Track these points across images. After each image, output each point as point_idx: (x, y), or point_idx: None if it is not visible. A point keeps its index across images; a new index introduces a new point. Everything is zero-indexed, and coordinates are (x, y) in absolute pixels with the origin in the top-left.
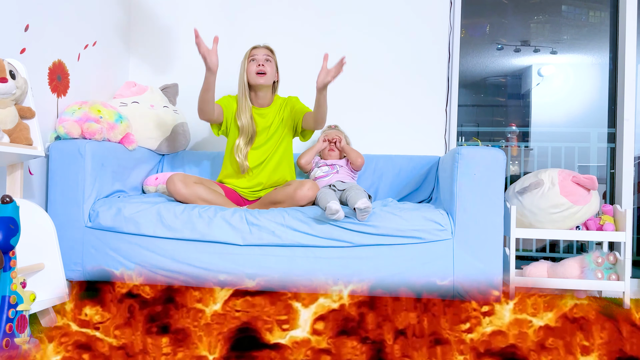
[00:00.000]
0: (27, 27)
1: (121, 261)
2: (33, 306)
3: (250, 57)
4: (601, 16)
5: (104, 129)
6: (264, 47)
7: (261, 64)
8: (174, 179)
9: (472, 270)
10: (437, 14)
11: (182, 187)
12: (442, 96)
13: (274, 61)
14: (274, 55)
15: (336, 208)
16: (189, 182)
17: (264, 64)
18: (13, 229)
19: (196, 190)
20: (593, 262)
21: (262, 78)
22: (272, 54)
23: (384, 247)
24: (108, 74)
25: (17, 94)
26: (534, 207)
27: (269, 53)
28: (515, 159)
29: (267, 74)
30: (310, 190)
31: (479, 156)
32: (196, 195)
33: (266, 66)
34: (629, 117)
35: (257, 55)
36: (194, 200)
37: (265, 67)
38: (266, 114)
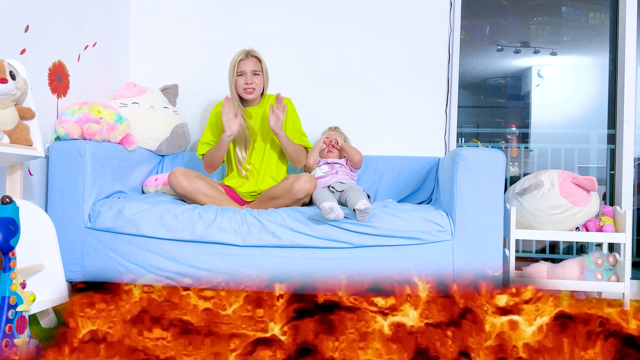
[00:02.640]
0: (27, 28)
1: (121, 262)
2: (33, 307)
3: (238, 71)
4: (601, 17)
5: (104, 130)
6: (252, 58)
7: (249, 82)
8: (176, 172)
9: (472, 272)
10: (437, 15)
11: (183, 180)
12: (442, 97)
13: (262, 72)
14: (261, 64)
15: (330, 206)
16: (191, 176)
17: (251, 81)
18: (13, 230)
19: (197, 184)
20: (593, 263)
21: (250, 95)
22: (260, 62)
23: (383, 248)
24: (108, 74)
25: (17, 94)
26: (534, 208)
27: (257, 64)
28: (515, 160)
29: (256, 89)
30: (307, 183)
31: (479, 157)
32: (197, 189)
33: (255, 82)
34: (628, 119)
35: (245, 69)
36: (194, 194)
37: (253, 84)
38: (253, 114)
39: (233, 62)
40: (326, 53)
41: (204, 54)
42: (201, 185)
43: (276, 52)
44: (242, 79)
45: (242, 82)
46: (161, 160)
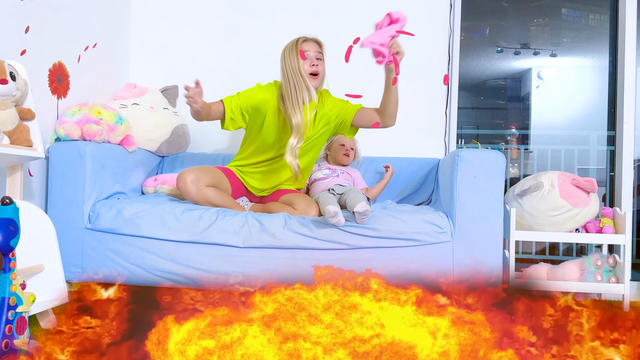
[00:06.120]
0: (28, 29)
1: (121, 263)
2: (32, 308)
3: (302, 50)
4: (601, 19)
5: (104, 131)
6: (314, 42)
7: (315, 64)
8: (186, 179)
9: (472, 273)
10: (437, 16)
11: (193, 190)
12: (441, 98)
13: (323, 59)
14: (322, 50)
15: (335, 210)
16: (201, 185)
17: (317, 64)
18: (13, 231)
19: (206, 193)
20: (592, 264)
21: (315, 80)
22: (321, 47)
23: (383, 250)
24: (108, 75)
25: (17, 95)
26: (534, 210)
27: (320, 49)
28: (514, 162)
29: (320, 74)
30: (310, 214)
31: (479, 159)
32: (205, 199)
33: (319, 66)
34: (628, 120)
35: (310, 51)
36: (201, 202)
37: (318, 67)
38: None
39: (291, 45)
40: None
41: (204, 54)
42: (210, 194)
43: (276, 52)
44: (307, 62)
45: (307, 64)
46: (161, 161)
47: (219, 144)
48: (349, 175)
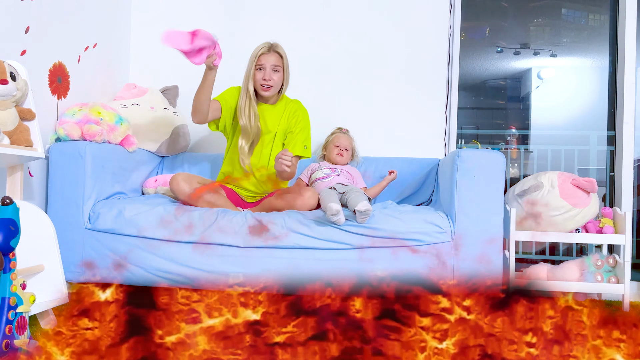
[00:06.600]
0: (28, 29)
1: (121, 263)
2: (33, 308)
3: (258, 64)
4: (601, 19)
5: (104, 131)
6: (274, 53)
7: (267, 78)
8: (178, 178)
9: (472, 273)
10: (437, 16)
11: (186, 187)
12: (441, 99)
13: (282, 69)
14: (283, 61)
15: (337, 208)
16: (193, 183)
17: (270, 78)
18: (13, 231)
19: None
20: (593, 264)
21: (266, 92)
22: (282, 59)
23: (383, 250)
24: (108, 75)
25: (17, 95)
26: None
27: (278, 60)
28: (514, 162)
29: (273, 86)
30: (310, 199)
31: (479, 159)
32: (198, 197)
33: (273, 78)
34: (628, 120)
35: (265, 63)
36: (195, 203)
37: (271, 80)
38: (269, 114)
39: (254, 54)
40: (327, 54)
41: None
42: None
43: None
44: (261, 74)
45: (260, 76)
46: (161, 161)
47: (219, 144)
48: (349, 175)
